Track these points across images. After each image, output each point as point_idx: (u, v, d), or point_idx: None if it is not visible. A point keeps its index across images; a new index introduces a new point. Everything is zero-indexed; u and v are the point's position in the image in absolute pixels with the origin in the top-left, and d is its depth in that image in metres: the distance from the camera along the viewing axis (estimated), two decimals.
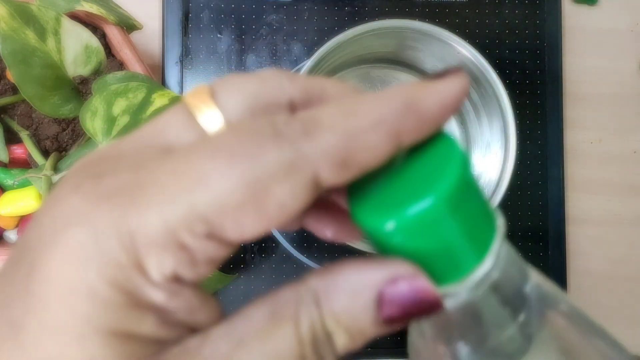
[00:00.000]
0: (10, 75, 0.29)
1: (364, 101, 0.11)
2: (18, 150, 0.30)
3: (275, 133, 0.11)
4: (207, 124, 0.12)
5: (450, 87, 0.12)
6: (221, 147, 0.11)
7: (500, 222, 0.12)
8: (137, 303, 0.11)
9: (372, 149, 0.11)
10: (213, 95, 0.12)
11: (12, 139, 0.30)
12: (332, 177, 0.11)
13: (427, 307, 0.11)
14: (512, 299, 0.13)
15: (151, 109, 0.27)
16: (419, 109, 0.11)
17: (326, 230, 0.14)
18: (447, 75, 0.12)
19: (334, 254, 0.36)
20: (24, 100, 0.29)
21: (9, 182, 0.29)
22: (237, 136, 0.11)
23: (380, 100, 0.11)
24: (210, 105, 0.12)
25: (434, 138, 0.12)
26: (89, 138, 0.28)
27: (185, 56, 0.36)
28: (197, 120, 0.12)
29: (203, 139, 0.11)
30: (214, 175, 0.10)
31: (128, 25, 0.31)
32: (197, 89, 0.12)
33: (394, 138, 0.11)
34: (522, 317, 0.13)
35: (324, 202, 0.14)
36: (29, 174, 0.27)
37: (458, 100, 0.12)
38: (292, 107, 0.12)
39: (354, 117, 0.11)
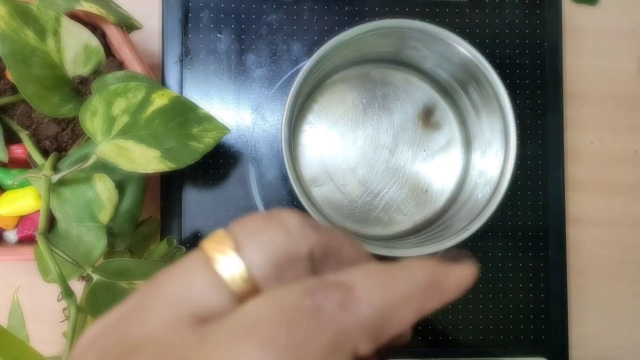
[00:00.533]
0: (10, 75, 0.29)
1: (392, 275, 0.12)
2: (17, 150, 0.30)
3: (314, 308, 0.11)
4: (232, 280, 0.12)
5: (465, 273, 0.13)
6: (265, 332, 0.10)
7: None
8: None
9: (402, 323, 0.12)
10: (236, 247, 0.12)
11: (11, 139, 0.30)
12: (367, 349, 0.11)
13: None
14: None
15: (151, 108, 0.27)
16: (441, 288, 0.13)
17: None
18: (461, 260, 0.14)
19: None
20: (23, 100, 0.29)
21: (8, 182, 0.29)
22: (277, 315, 0.11)
23: (407, 276, 0.12)
24: (233, 258, 0.12)
25: None
26: (89, 138, 0.28)
27: (185, 56, 0.36)
28: (220, 275, 0.12)
29: (240, 315, 0.11)
30: None
31: (128, 25, 0.31)
32: (217, 237, 0.12)
33: (420, 312, 0.12)
34: None
35: None
36: (29, 174, 0.27)
37: (470, 283, 0.14)
38: (312, 258, 0.13)
39: (387, 292, 0.12)
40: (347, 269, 0.12)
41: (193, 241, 0.36)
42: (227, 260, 0.12)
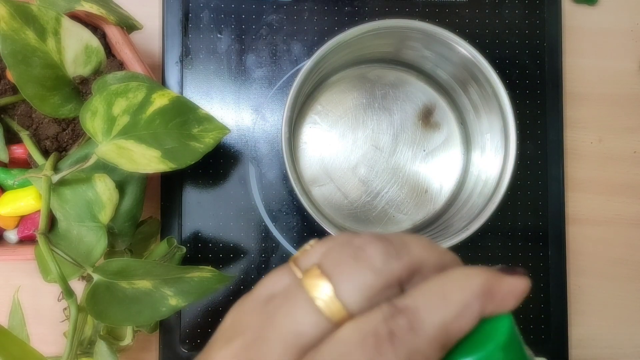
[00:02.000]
0: (10, 75, 0.29)
1: (449, 288, 0.14)
2: (18, 150, 0.30)
3: (389, 333, 0.13)
4: (331, 314, 0.14)
5: (518, 284, 0.15)
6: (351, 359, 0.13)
7: None
8: None
9: (463, 329, 0.14)
10: (333, 287, 0.14)
11: (12, 139, 0.30)
12: (438, 357, 0.14)
13: None
14: None
15: (151, 108, 0.27)
16: (494, 294, 0.14)
17: None
18: (515, 273, 0.15)
19: None
20: (24, 100, 0.29)
21: (9, 182, 0.29)
22: (360, 343, 0.13)
23: (462, 285, 0.14)
24: (332, 297, 0.14)
25: None
26: (89, 138, 0.28)
27: (185, 56, 0.37)
28: (323, 312, 0.14)
29: (331, 345, 0.14)
30: None
31: (128, 25, 0.31)
32: (314, 274, 0.15)
33: (478, 316, 0.14)
34: None
35: None
36: (29, 174, 0.27)
37: (523, 292, 0.15)
38: (399, 283, 0.15)
39: (446, 307, 0.14)
40: (418, 286, 0.15)
41: (193, 241, 0.36)
42: (326, 299, 0.14)
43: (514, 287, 0.15)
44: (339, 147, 0.37)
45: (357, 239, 0.15)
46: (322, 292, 0.14)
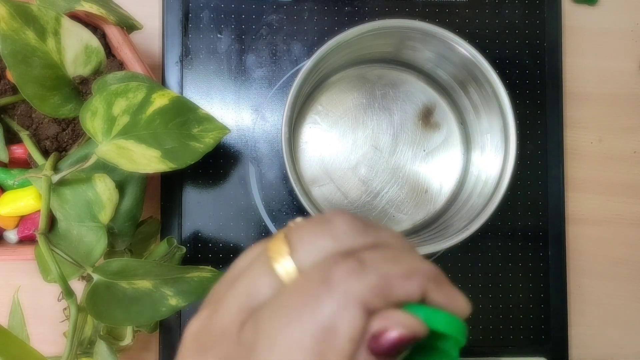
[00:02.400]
0: (10, 75, 0.29)
1: (404, 255, 0.15)
2: (18, 150, 0.30)
3: (327, 280, 0.14)
4: (287, 277, 0.15)
5: (461, 296, 0.15)
6: (289, 307, 0.14)
7: None
8: None
9: (404, 293, 0.14)
10: (291, 251, 0.15)
11: (12, 139, 0.30)
12: (377, 303, 0.14)
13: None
14: None
15: (151, 108, 0.27)
16: (441, 285, 0.15)
17: None
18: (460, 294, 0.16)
19: None
20: (24, 100, 0.29)
21: (9, 182, 0.29)
22: (300, 290, 0.14)
23: (417, 262, 0.15)
24: (288, 261, 0.15)
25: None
26: (89, 138, 0.28)
27: (185, 56, 0.37)
28: (278, 274, 0.15)
29: (278, 295, 0.14)
30: (284, 335, 0.13)
31: (128, 25, 0.31)
32: (278, 241, 0.15)
33: (420, 292, 0.14)
34: None
35: None
36: (29, 174, 0.27)
37: (465, 310, 0.15)
38: None
39: (393, 263, 0.14)
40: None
41: (193, 241, 0.36)
42: (283, 263, 0.15)
43: (458, 295, 0.15)
44: (339, 147, 0.37)
45: (332, 214, 0.16)
46: (280, 255, 0.15)
